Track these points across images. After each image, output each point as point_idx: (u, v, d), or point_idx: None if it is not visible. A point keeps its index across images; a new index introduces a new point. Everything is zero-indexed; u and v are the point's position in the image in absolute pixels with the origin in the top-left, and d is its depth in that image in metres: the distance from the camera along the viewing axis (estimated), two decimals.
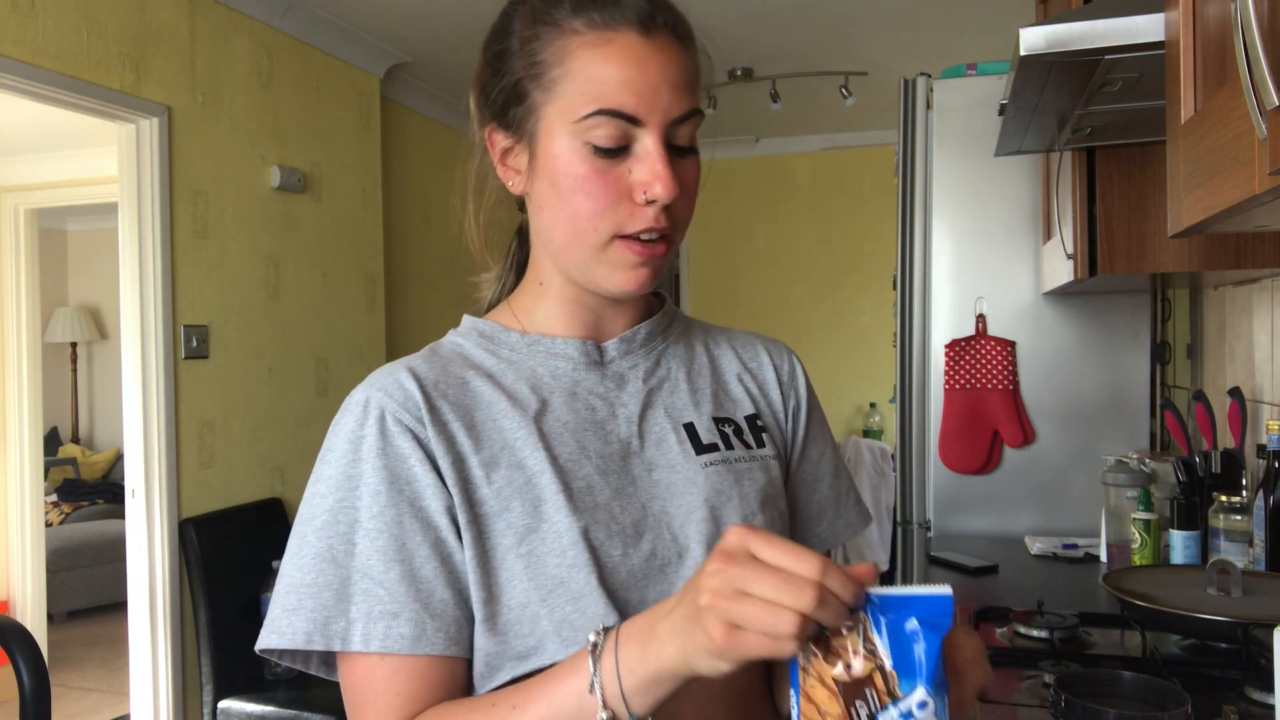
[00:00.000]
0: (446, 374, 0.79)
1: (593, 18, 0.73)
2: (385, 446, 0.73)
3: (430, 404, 0.75)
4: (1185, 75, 0.94)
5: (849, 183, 5.37)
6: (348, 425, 0.75)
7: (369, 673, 0.70)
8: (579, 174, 0.73)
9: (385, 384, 0.76)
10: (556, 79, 0.74)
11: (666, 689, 0.63)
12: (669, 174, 0.72)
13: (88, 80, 2.56)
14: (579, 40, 0.73)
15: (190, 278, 2.92)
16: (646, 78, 0.72)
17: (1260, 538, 1.53)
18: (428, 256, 4.32)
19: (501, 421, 0.77)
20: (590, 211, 0.74)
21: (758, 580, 0.56)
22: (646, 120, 0.73)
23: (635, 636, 0.63)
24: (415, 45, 3.75)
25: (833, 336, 5.35)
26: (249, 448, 3.16)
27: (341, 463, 0.74)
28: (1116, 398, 2.33)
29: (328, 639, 0.70)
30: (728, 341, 0.92)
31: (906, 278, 2.47)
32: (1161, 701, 1.04)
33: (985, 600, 1.75)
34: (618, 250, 0.75)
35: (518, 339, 0.82)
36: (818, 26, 3.62)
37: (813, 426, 0.92)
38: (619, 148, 0.73)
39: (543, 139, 0.75)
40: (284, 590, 0.72)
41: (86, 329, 6.32)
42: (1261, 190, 0.72)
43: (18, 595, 4.04)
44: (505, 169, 0.80)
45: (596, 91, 0.72)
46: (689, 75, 0.76)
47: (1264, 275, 1.74)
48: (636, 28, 0.73)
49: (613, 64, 0.72)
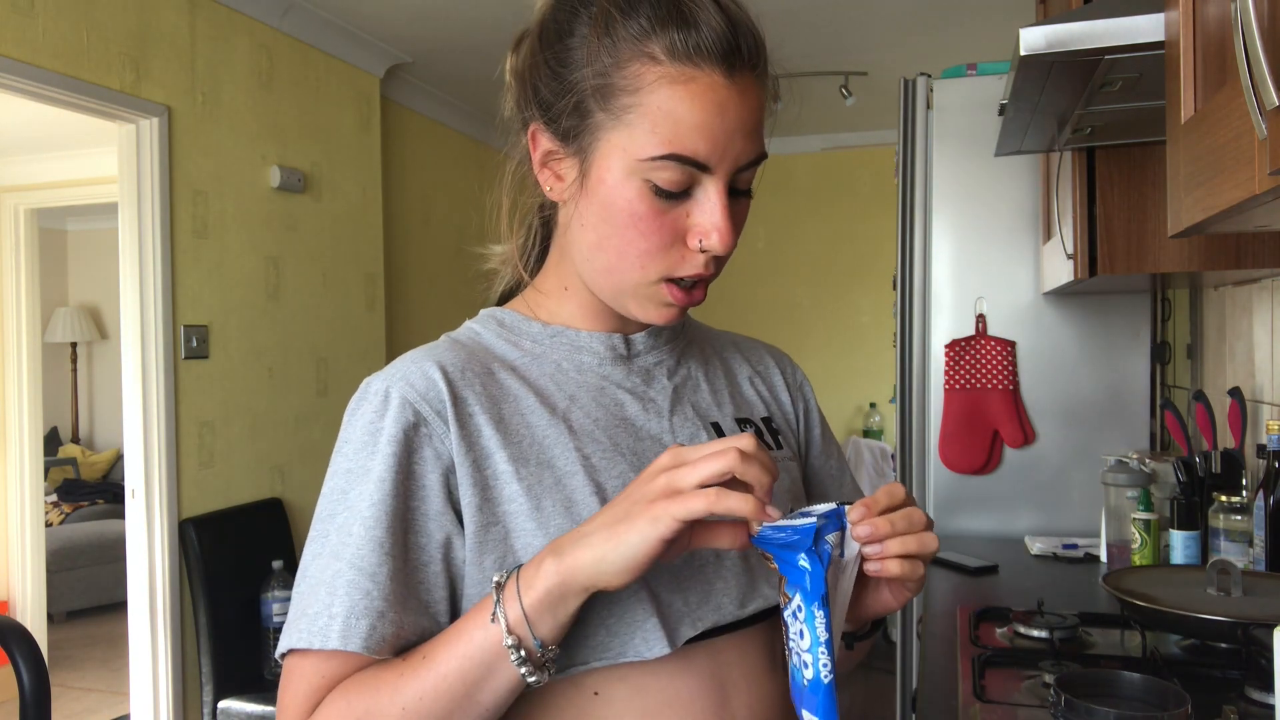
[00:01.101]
0: (471, 363, 0.76)
1: (674, 44, 0.67)
2: (402, 440, 0.70)
3: (455, 395, 0.72)
4: (1185, 75, 0.94)
5: (849, 183, 5.37)
6: (365, 415, 0.72)
7: (326, 665, 0.68)
8: (637, 212, 0.70)
9: (408, 373, 0.73)
10: (627, 107, 0.68)
11: (570, 606, 0.63)
12: (728, 227, 0.70)
13: (88, 80, 2.56)
14: (658, 72, 0.67)
15: (190, 278, 2.92)
16: (724, 125, 0.68)
17: (1260, 538, 1.53)
18: (428, 256, 4.32)
19: (529, 418, 0.75)
20: (642, 251, 0.71)
21: (685, 466, 0.62)
22: (715, 169, 0.69)
23: (536, 560, 0.64)
24: (415, 45, 3.75)
25: (833, 336, 5.35)
26: (249, 448, 3.15)
27: (357, 456, 0.71)
28: (1116, 398, 2.33)
29: (323, 638, 0.67)
30: (734, 346, 0.93)
31: (906, 278, 2.46)
32: (1161, 701, 1.04)
33: (985, 600, 1.75)
34: (659, 289, 0.74)
35: (539, 330, 0.80)
36: (818, 26, 3.61)
37: (825, 427, 0.95)
38: (681, 191, 0.70)
39: (599, 161, 0.71)
40: (300, 580, 0.71)
41: (86, 329, 6.32)
42: (1261, 190, 0.72)
43: (18, 595, 4.04)
44: (546, 172, 0.75)
45: (670, 134, 0.67)
46: (762, 117, 0.72)
47: (1264, 275, 1.74)
48: (721, 66, 0.68)
49: (693, 107, 0.67)
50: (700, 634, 0.71)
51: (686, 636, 0.70)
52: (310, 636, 0.67)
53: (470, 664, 0.64)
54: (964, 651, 1.41)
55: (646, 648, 0.68)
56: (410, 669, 0.65)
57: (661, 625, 0.69)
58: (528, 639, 0.63)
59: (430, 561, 0.70)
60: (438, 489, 0.71)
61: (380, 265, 3.85)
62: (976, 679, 1.28)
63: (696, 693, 0.72)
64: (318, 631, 0.67)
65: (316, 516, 0.73)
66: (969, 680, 1.28)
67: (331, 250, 3.57)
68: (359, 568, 0.67)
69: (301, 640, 0.67)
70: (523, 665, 0.63)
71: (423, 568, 0.70)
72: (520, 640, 0.63)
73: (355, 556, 0.68)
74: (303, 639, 0.67)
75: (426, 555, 0.70)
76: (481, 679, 0.64)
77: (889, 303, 4.16)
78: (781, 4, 3.36)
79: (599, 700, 0.71)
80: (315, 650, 0.67)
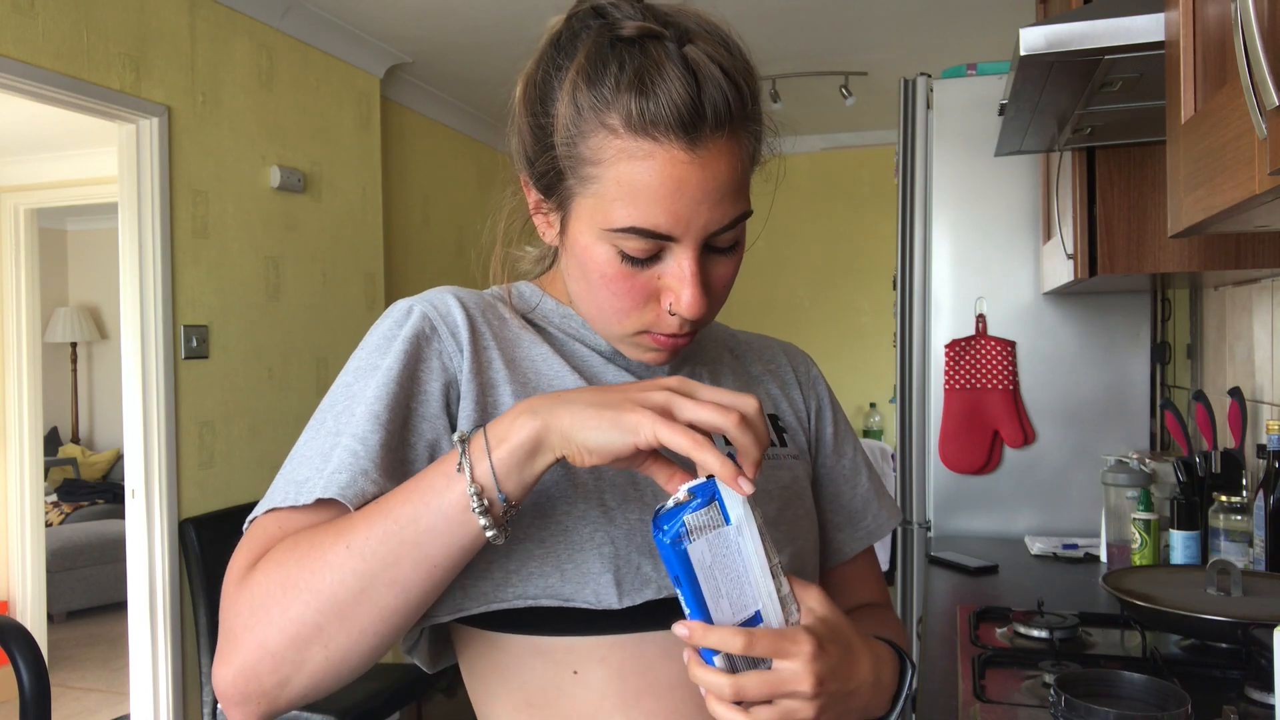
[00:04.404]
0: (490, 311, 0.79)
1: (631, 116, 0.66)
2: (414, 343, 0.73)
3: (474, 328, 0.76)
4: (1185, 75, 0.94)
5: (849, 183, 5.37)
6: (385, 325, 0.75)
7: (290, 518, 0.67)
8: (608, 274, 0.71)
9: (433, 299, 0.76)
10: (592, 177, 0.69)
11: (538, 466, 0.62)
12: (697, 294, 0.70)
13: (88, 80, 2.56)
14: (617, 146, 0.67)
15: (190, 278, 2.92)
16: (685, 199, 0.67)
17: (1260, 538, 1.53)
18: (428, 256, 4.32)
19: (540, 365, 0.77)
20: (616, 309, 0.73)
21: (688, 399, 0.62)
22: (682, 238, 0.69)
23: (509, 415, 0.63)
24: (415, 45, 3.75)
25: (833, 336, 5.35)
26: (249, 448, 3.15)
27: (370, 356, 0.73)
28: (1116, 398, 2.33)
29: (298, 494, 0.67)
30: (747, 344, 0.93)
31: (906, 278, 2.47)
32: (1161, 701, 1.04)
33: (985, 600, 1.75)
34: (642, 338, 0.75)
35: (552, 307, 0.82)
36: (818, 26, 3.61)
37: (840, 425, 0.94)
38: (650, 257, 0.70)
39: (573, 223, 0.72)
40: (287, 462, 0.72)
41: (86, 329, 6.32)
42: (1261, 190, 0.72)
43: (18, 595, 4.04)
44: (538, 217, 0.78)
45: (630, 209, 0.67)
46: (738, 177, 0.70)
47: (1264, 275, 1.74)
48: (680, 138, 0.66)
49: (650, 182, 0.66)
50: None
51: (648, 598, 0.70)
52: (296, 496, 0.67)
53: (427, 511, 0.62)
54: (964, 651, 1.41)
55: (596, 599, 0.69)
56: (363, 513, 0.64)
57: (615, 581, 0.69)
58: (492, 491, 0.61)
59: (416, 459, 0.71)
60: (437, 396, 0.73)
61: (380, 265, 3.85)
62: (976, 679, 1.28)
63: (677, 682, 0.72)
64: (305, 490, 0.67)
65: (320, 406, 0.74)
66: (969, 680, 1.28)
67: (331, 250, 3.57)
68: (355, 435, 0.68)
69: (287, 499, 0.67)
70: (484, 517, 0.61)
71: (409, 462, 0.71)
72: (483, 490, 0.61)
73: (354, 429, 0.69)
74: (287, 498, 0.67)
75: (414, 452, 0.71)
76: (435, 529, 0.62)
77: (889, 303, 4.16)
78: (781, 4, 3.36)
79: (578, 680, 0.71)
80: (287, 508, 0.67)
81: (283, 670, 0.63)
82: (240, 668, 0.63)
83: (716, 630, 0.61)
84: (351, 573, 0.62)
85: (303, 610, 0.62)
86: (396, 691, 2.82)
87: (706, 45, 0.68)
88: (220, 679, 0.64)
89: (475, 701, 0.79)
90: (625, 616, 0.70)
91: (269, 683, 0.63)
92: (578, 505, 0.71)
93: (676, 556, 0.61)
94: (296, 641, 0.62)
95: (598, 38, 0.69)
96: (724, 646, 0.61)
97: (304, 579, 0.62)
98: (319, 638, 0.62)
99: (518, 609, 0.70)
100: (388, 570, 0.62)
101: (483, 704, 0.77)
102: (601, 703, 0.71)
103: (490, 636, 0.74)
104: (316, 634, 0.62)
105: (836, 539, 0.92)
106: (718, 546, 0.62)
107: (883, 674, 0.70)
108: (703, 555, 0.61)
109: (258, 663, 0.63)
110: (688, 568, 0.61)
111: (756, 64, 0.73)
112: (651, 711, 0.71)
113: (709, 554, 0.62)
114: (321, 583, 0.62)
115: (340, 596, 0.62)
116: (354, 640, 0.63)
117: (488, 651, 0.75)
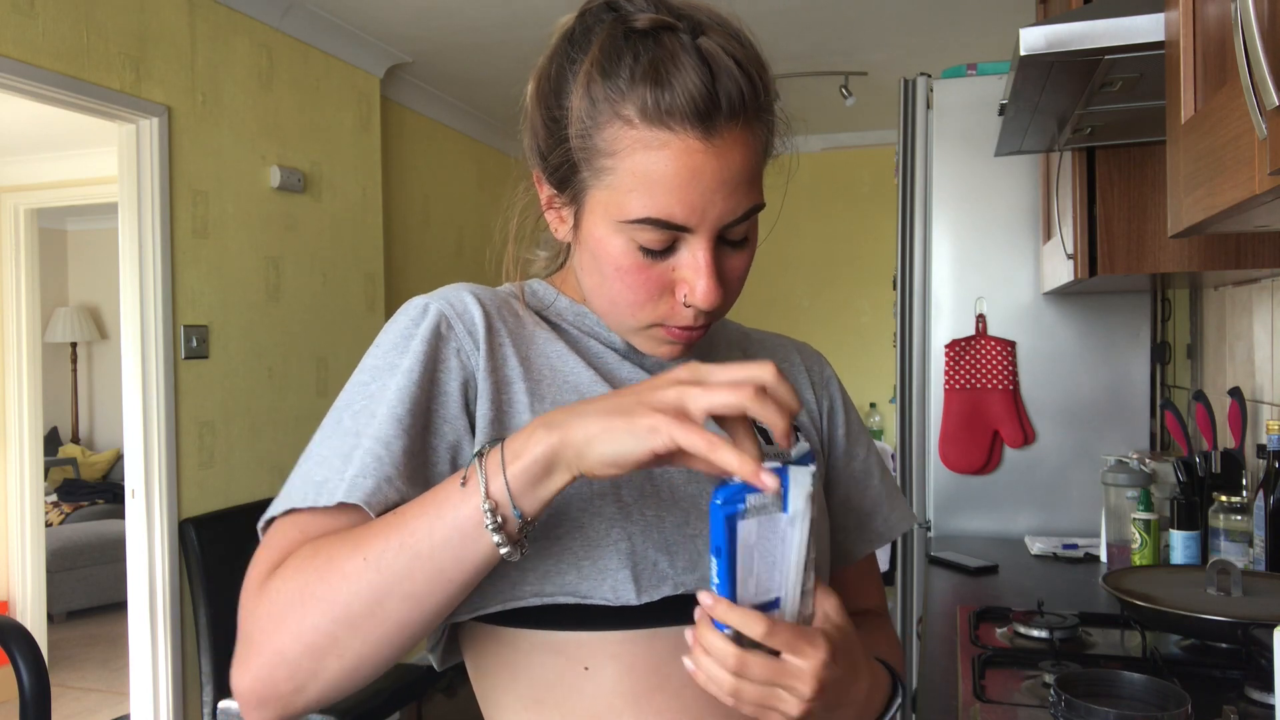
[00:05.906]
0: (505, 308, 0.79)
1: (647, 106, 0.66)
2: (433, 342, 0.73)
3: (490, 325, 0.76)
4: (1185, 75, 0.94)
5: (849, 183, 5.37)
6: (402, 322, 0.75)
7: (312, 521, 0.67)
8: (623, 266, 0.71)
9: (450, 296, 0.77)
10: (607, 169, 0.69)
11: (555, 483, 0.62)
12: (712, 285, 0.70)
13: (88, 80, 2.56)
14: (632, 136, 0.67)
15: (190, 278, 2.92)
16: (701, 188, 0.67)
17: (1260, 538, 1.53)
18: (428, 256, 4.32)
19: (554, 361, 0.77)
20: (630, 302, 0.73)
21: (700, 387, 0.60)
22: (697, 229, 0.69)
23: (526, 430, 0.63)
24: (415, 45, 3.75)
25: (833, 336, 5.35)
26: (249, 448, 3.16)
27: (387, 355, 0.73)
28: (1116, 398, 2.33)
29: (318, 496, 0.67)
30: (760, 343, 0.93)
31: (906, 278, 2.47)
32: (1161, 701, 1.04)
33: (985, 600, 1.75)
34: (656, 331, 0.75)
35: (566, 304, 0.82)
36: (818, 26, 3.61)
37: (853, 426, 0.93)
38: (665, 249, 0.71)
39: (587, 216, 0.72)
40: (302, 461, 0.71)
41: (86, 329, 6.32)
42: (1261, 190, 0.72)
43: (18, 595, 4.04)
44: (550, 213, 0.78)
45: (646, 199, 0.68)
46: (752, 168, 0.71)
47: (1264, 275, 1.74)
48: (696, 127, 0.66)
49: (666, 172, 0.67)
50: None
51: (665, 594, 0.70)
52: (316, 497, 0.67)
53: (441, 525, 0.62)
54: (964, 651, 1.41)
55: (614, 595, 0.69)
56: (380, 523, 0.64)
57: (633, 578, 0.69)
58: (506, 507, 0.61)
59: (439, 461, 0.71)
60: (456, 396, 0.73)
61: (380, 265, 3.85)
62: (976, 679, 1.27)
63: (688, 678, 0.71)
64: (325, 492, 0.67)
65: (336, 405, 0.73)
66: (969, 680, 1.28)
67: (331, 250, 3.57)
68: (377, 438, 0.68)
69: (306, 499, 0.67)
70: (497, 534, 0.61)
71: (431, 466, 0.71)
72: (498, 507, 0.61)
73: (376, 431, 0.68)
74: (306, 499, 0.67)
75: (436, 455, 0.71)
76: (450, 543, 0.62)
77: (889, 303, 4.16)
78: (781, 4, 3.36)
79: (588, 676, 0.71)
80: (307, 509, 0.67)
81: (299, 678, 0.64)
82: (258, 674, 0.64)
83: (740, 611, 0.61)
84: (367, 585, 0.62)
85: (319, 620, 0.63)
86: (396, 691, 2.82)
87: (719, 37, 0.68)
88: (238, 683, 0.65)
89: (481, 697, 0.78)
90: (640, 613, 0.70)
91: (285, 689, 0.64)
92: (594, 502, 0.71)
93: (727, 530, 0.60)
94: (313, 651, 0.63)
95: (611, 30, 0.69)
96: (744, 628, 0.61)
97: (321, 589, 0.63)
98: (335, 648, 0.63)
99: (534, 606, 0.70)
100: (402, 584, 0.62)
101: (489, 700, 0.77)
102: (612, 699, 0.71)
103: (499, 632, 0.74)
104: (332, 644, 0.63)
105: (843, 542, 0.91)
106: (766, 529, 0.62)
107: (873, 698, 0.71)
108: (749, 534, 0.61)
109: (275, 670, 0.64)
110: (733, 543, 0.61)
111: (767, 58, 0.73)
112: (662, 708, 0.71)
113: (755, 534, 0.62)
114: (338, 594, 0.63)
115: (355, 609, 0.63)
116: (369, 650, 0.64)
117: (495, 647, 0.75)
